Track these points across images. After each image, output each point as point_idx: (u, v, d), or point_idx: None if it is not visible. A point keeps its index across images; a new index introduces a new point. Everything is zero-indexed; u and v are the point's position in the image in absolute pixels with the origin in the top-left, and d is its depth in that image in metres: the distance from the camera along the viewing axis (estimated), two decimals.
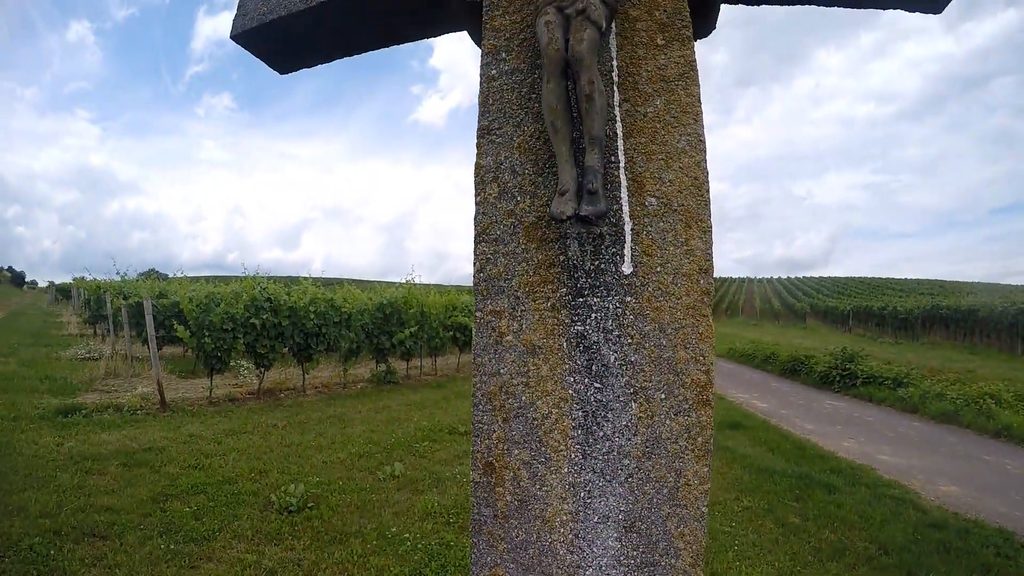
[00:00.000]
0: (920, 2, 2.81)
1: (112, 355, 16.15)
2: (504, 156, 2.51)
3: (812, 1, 2.89)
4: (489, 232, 2.47)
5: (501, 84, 2.58)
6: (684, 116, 2.40)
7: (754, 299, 78.74)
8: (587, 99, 2.26)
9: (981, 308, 32.71)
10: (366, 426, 10.34)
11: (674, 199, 2.33)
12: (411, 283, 17.60)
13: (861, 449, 10.23)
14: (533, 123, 2.48)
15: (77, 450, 7.81)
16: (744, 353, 25.72)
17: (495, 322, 2.38)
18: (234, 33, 3.23)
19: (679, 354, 2.22)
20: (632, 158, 2.38)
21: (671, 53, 2.46)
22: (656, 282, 2.28)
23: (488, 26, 2.68)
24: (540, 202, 2.41)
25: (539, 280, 2.36)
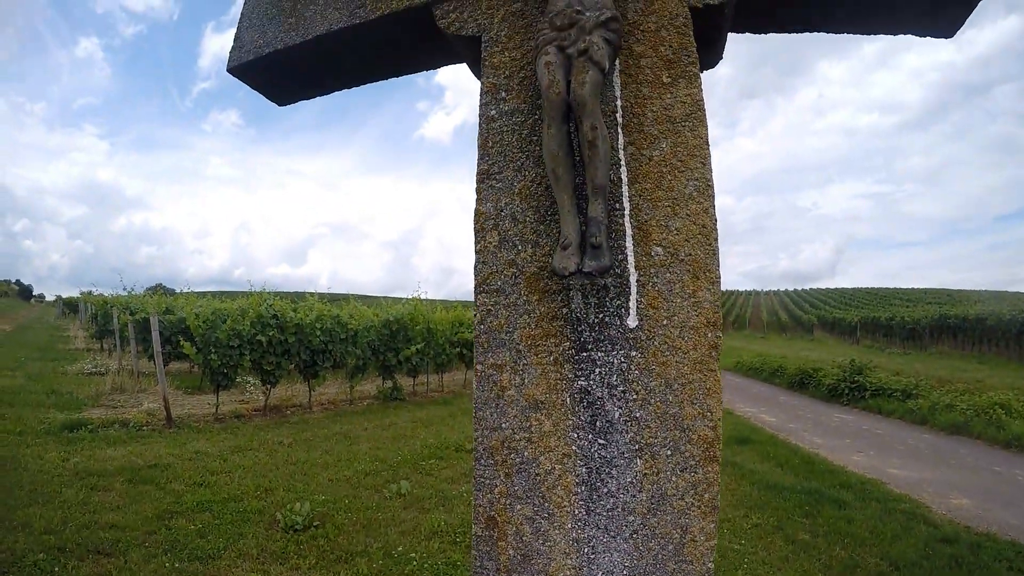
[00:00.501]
0: (931, 28, 2.79)
1: (119, 370, 16.19)
2: (504, 202, 2.46)
3: (819, 28, 2.89)
4: (489, 283, 2.42)
5: (501, 125, 2.54)
6: (691, 160, 2.34)
7: (761, 312, 78.45)
8: (590, 146, 2.20)
9: (989, 316, 32.57)
10: (372, 443, 10.32)
11: (681, 248, 2.27)
12: (417, 299, 17.62)
13: (871, 463, 10.16)
14: (535, 167, 2.44)
15: (82, 466, 7.82)
16: (751, 367, 25.60)
17: (496, 376, 2.34)
18: (231, 66, 3.23)
19: (686, 410, 2.17)
20: (637, 205, 2.33)
21: (677, 92, 2.40)
22: (662, 336, 2.22)
23: (487, 63, 2.63)
24: (542, 252, 2.37)
25: (541, 333, 2.32)
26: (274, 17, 3.12)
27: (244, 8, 3.29)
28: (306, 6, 3.03)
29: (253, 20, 3.20)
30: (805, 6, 2.76)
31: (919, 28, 2.81)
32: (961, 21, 2.72)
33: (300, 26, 3.01)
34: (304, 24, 3.00)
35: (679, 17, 2.46)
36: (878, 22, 2.82)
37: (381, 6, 2.83)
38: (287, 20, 3.06)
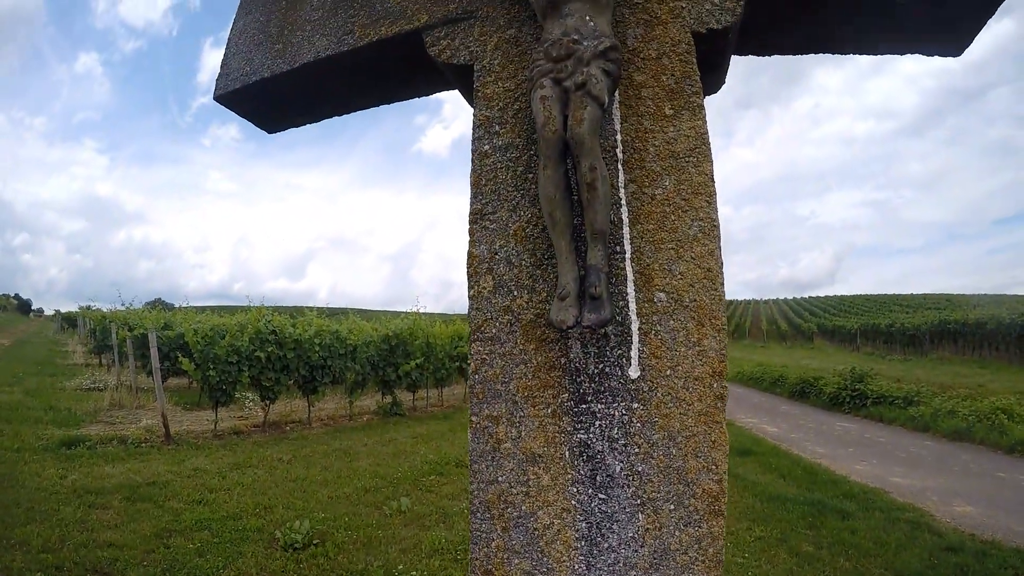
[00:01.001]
0: (939, 46, 2.73)
1: (117, 386, 16.13)
2: (499, 245, 2.37)
3: (825, 50, 2.82)
4: (484, 330, 2.33)
5: (495, 162, 2.44)
6: (696, 198, 2.24)
7: (760, 321, 78.34)
8: (589, 188, 2.09)
9: (989, 321, 32.54)
10: (372, 459, 10.26)
11: (685, 294, 2.17)
12: (416, 314, 17.60)
13: (873, 472, 10.11)
14: (530, 207, 2.34)
15: (80, 483, 7.76)
16: (752, 376, 25.57)
17: (492, 428, 2.25)
18: (217, 94, 3.16)
19: (690, 463, 2.08)
20: (639, 248, 2.23)
21: (680, 124, 2.30)
22: (665, 387, 2.12)
23: (479, 94, 2.54)
24: (539, 298, 2.28)
25: (539, 384, 2.22)
26: (261, 43, 3.06)
27: (231, 34, 3.23)
28: (293, 32, 2.98)
29: (240, 46, 3.15)
30: (811, 26, 2.69)
31: (927, 47, 2.75)
32: (970, 39, 2.66)
33: (287, 53, 2.95)
34: (291, 51, 2.94)
35: (681, 44, 2.37)
36: (886, 42, 2.76)
37: (370, 32, 2.77)
38: (274, 46, 3.00)
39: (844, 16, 2.60)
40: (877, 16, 2.57)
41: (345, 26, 2.86)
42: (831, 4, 2.52)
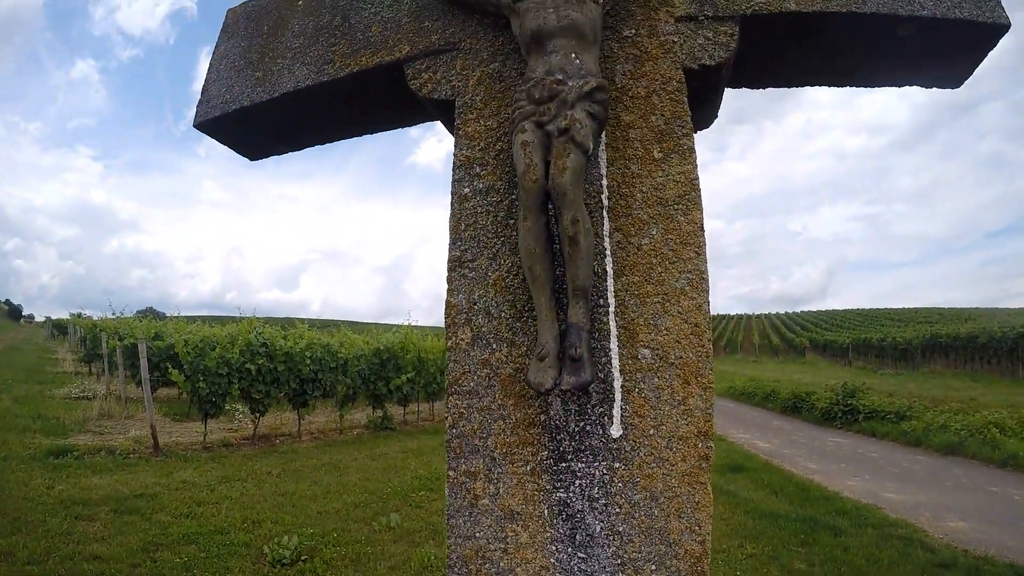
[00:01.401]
0: (938, 79, 2.71)
1: (106, 395, 15.99)
2: (478, 294, 2.30)
3: (821, 82, 2.79)
4: (461, 383, 2.27)
5: (475, 206, 2.38)
6: (684, 249, 2.17)
7: (752, 335, 78.55)
8: (571, 242, 2.00)
9: (980, 334, 32.67)
10: (362, 474, 10.18)
11: (671, 351, 2.11)
12: (408, 328, 17.54)
13: (866, 487, 10.08)
14: (511, 256, 2.27)
15: (67, 494, 7.67)
16: (744, 391, 25.56)
17: (469, 483, 2.20)
18: (197, 122, 3.10)
19: (672, 524, 2.02)
20: (624, 301, 2.16)
21: (670, 169, 2.23)
22: (648, 447, 2.06)
23: (460, 132, 2.48)
24: (519, 352, 2.21)
25: (517, 441, 2.16)
26: (242, 70, 3.01)
27: (212, 58, 3.19)
28: (274, 60, 2.93)
29: (221, 72, 3.10)
30: (807, 59, 2.66)
31: (926, 79, 2.71)
32: (970, 71, 2.64)
33: (267, 81, 2.89)
34: (271, 79, 2.89)
35: (672, 81, 2.31)
36: (884, 74, 2.73)
37: (350, 63, 2.72)
38: (254, 74, 2.95)
39: (841, 49, 2.57)
40: (875, 49, 2.55)
41: (325, 55, 2.81)
42: (829, 37, 2.48)
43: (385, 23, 2.76)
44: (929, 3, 2.35)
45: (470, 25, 2.61)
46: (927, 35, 2.43)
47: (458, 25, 2.63)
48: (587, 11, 2.27)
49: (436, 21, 2.67)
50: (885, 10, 2.34)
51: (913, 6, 2.34)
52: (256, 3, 3.24)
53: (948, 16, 2.33)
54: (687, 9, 2.40)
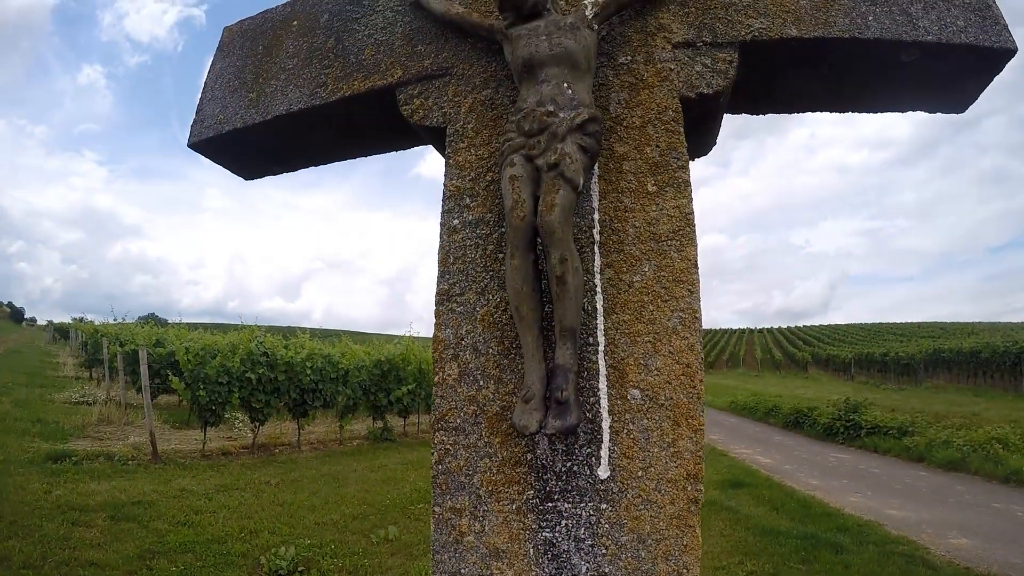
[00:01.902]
0: (943, 104, 2.67)
1: (106, 401, 15.97)
2: (466, 330, 2.27)
3: (823, 108, 2.75)
4: (448, 419, 2.24)
5: (464, 238, 2.34)
6: (677, 287, 2.12)
7: (755, 350, 78.38)
8: (559, 281, 1.96)
9: (983, 349, 32.57)
10: (361, 485, 10.13)
11: (661, 392, 2.06)
12: (409, 339, 17.49)
13: (868, 504, 10.01)
14: (499, 291, 2.23)
15: (65, 499, 7.63)
16: (745, 406, 25.47)
17: (455, 520, 2.18)
18: (191, 141, 3.09)
19: (659, 567, 1.97)
20: (613, 340, 2.11)
21: (664, 203, 2.18)
22: (636, 488, 2.02)
23: (451, 161, 2.44)
24: (506, 389, 2.17)
25: (504, 479, 2.13)
26: (236, 90, 2.99)
27: (208, 77, 3.17)
28: (267, 81, 2.91)
29: (215, 91, 3.08)
30: (810, 85, 2.61)
31: (930, 105, 2.68)
32: (975, 96, 2.60)
33: (261, 103, 2.87)
34: (265, 101, 2.87)
35: (668, 111, 2.26)
36: (887, 100, 2.69)
37: (343, 87, 2.71)
38: (248, 95, 2.93)
39: (843, 75, 2.53)
40: (878, 75, 2.50)
41: (318, 78, 2.79)
42: (830, 63, 2.44)
43: (378, 46, 2.75)
44: (934, 28, 2.31)
45: (463, 50, 2.59)
46: (931, 60, 2.39)
47: (451, 50, 2.61)
48: (581, 39, 2.23)
49: (429, 45, 2.65)
50: (888, 36, 2.31)
51: (917, 31, 2.31)
52: (252, 22, 3.24)
53: (953, 41, 2.29)
54: (685, 35, 2.37)
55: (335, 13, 2.96)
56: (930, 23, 2.32)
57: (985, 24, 2.32)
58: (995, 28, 2.32)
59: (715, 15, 2.38)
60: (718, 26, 2.36)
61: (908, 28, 2.32)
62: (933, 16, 2.34)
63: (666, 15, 2.41)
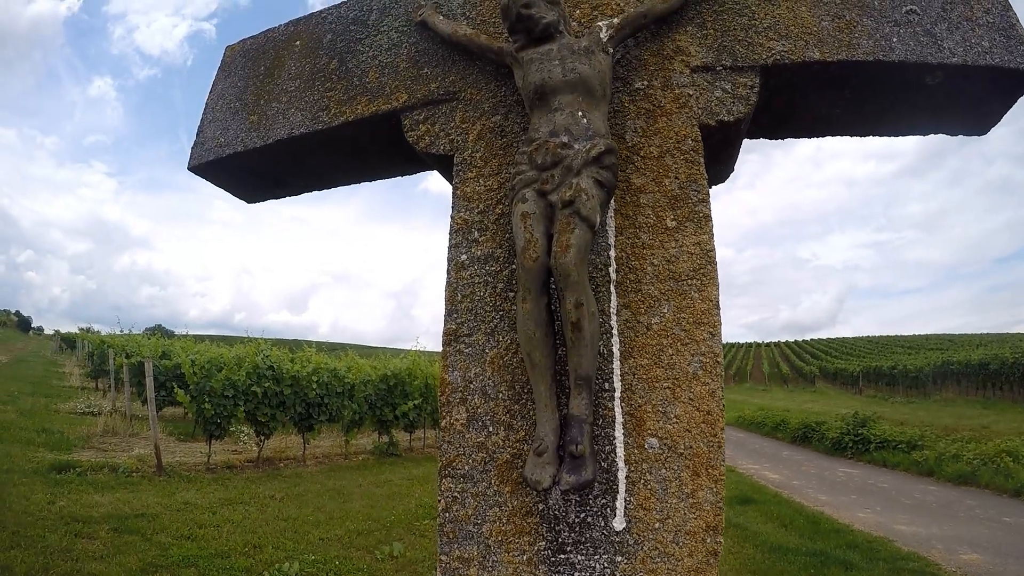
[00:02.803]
0: (965, 127, 2.61)
1: (112, 412, 15.95)
2: (474, 372, 2.18)
3: (843, 132, 2.68)
4: (456, 466, 2.16)
5: (472, 275, 2.26)
6: (698, 329, 2.03)
7: (762, 364, 77.85)
8: (574, 327, 1.86)
9: (992, 361, 32.28)
10: (366, 501, 10.05)
11: (680, 440, 1.97)
12: (416, 353, 17.43)
13: (877, 519, 9.90)
14: (510, 332, 2.14)
15: (68, 510, 7.57)
16: (753, 421, 25.33)
17: (462, 570, 2.08)
18: (192, 164, 3.02)
19: None
20: (630, 386, 2.02)
21: (684, 239, 2.10)
22: (653, 541, 1.93)
23: (458, 192, 2.36)
24: (517, 436, 2.09)
25: (514, 529, 2.04)
26: (237, 112, 2.93)
27: (209, 97, 3.11)
28: (269, 103, 2.84)
29: (217, 112, 3.02)
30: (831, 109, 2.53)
31: (952, 127, 2.62)
32: (998, 118, 2.53)
33: (262, 126, 2.80)
34: (266, 124, 2.79)
35: (687, 140, 2.18)
36: (909, 123, 2.62)
37: (346, 111, 2.63)
38: (249, 117, 2.86)
39: (866, 98, 2.46)
40: (901, 98, 2.44)
41: (321, 101, 2.71)
42: (853, 86, 2.37)
43: (382, 68, 2.67)
44: (959, 50, 2.25)
45: (471, 74, 2.51)
46: (955, 82, 2.33)
47: (458, 73, 2.53)
48: (595, 63, 2.14)
49: (436, 68, 2.57)
50: (913, 58, 2.24)
51: (943, 53, 2.25)
52: (254, 41, 3.18)
53: (978, 63, 2.24)
54: (703, 58, 2.29)
55: (338, 33, 2.91)
56: (955, 44, 2.26)
57: (1010, 44, 2.26)
58: (1020, 49, 2.26)
59: (735, 37, 2.31)
60: (738, 49, 2.29)
61: (933, 50, 2.25)
62: (958, 37, 2.27)
63: (684, 37, 2.34)
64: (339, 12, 2.99)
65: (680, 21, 2.36)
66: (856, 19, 2.30)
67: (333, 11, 3.01)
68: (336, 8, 3.01)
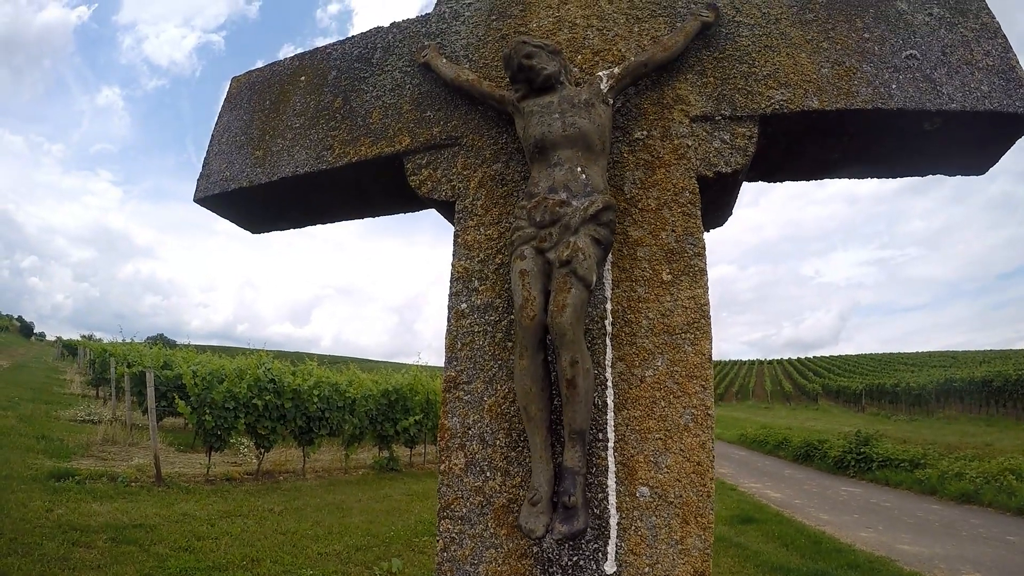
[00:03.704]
0: (963, 168, 2.61)
1: (112, 420, 15.93)
2: (473, 419, 2.22)
3: (841, 175, 2.69)
4: (454, 508, 2.21)
5: (472, 324, 2.29)
6: (690, 382, 2.07)
7: (764, 381, 77.62)
8: (569, 384, 1.90)
9: (995, 378, 32.13)
10: (365, 516, 10.01)
11: (671, 489, 2.01)
12: (417, 369, 17.40)
13: (879, 539, 9.85)
14: (507, 381, 2.18)
15: (66, 518, 7.55)
16: (755, 439, 25.25)
17: None
18: (197, 197, 3.04)
19: None
20: (624, 436, 2.06)
21: (679, 293, 2.13)
22: None
23: (459, 240, 2.38)
24: (513, 482, 2.13)
25: (509, 571, 2.08)
26: (243, 146, 2.95)
27: (215, 129, 3.14)
28: (274, 139, 2.87)
29: (222, 145, 3.05)
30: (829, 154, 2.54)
31: (950, 168, 2.62)
32: (996, 159, 2.54)
33: (267, 162, 2.82)
34: (271, 160, 2.82)
35: (685, 192, 2.20)
36: (907, 166, 2.63)
37: (349, 152, 2.65)
38: (254, 152, 2.89)
39: (864, 144, 2.47)
40: (899, 143, 2.46)
41: (325, 140, 2.73)
42: (853, 134, 2.38)
43: (386, 109, 2.70)
44: (958, 95, 2.26)
45: (473, 119, 2.53)
46: (954, 127, 2.33)
47: (460, 118, 2.55)
48: (595, 116, 2.17)
49: (438, 111, 2.59)
50: (912, 105, 2.25)
51: (941, 99, 2.26)
52: (260, 74, 3.20)
53: (977, 108, 2.24)
54: (703, 108, 2.31)
55: (343, 71, 2.93)
56: (954, 90, 2.27)
57: (1009, 88, 2.27)
58: (1019, 92, 2.26)
59: (734, 85, 2.33)
60: (738, 98, 2.30)
61: (932, 96, 2.26)
62: (957, 82, 2.28)
63: (684, 86, 2.36)
64: (343, 49, 3.01)
65: (680, 68, 2.38)
66: (856, 65, 2.32)
67: (338, 47, 3.04)
68: (341, 44, 3.04)
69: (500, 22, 2.66)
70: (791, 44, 2.37)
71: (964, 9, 2.42)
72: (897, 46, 2.35)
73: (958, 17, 2.41)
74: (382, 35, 2.94)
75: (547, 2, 2.62)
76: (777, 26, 2.41)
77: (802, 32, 2.39)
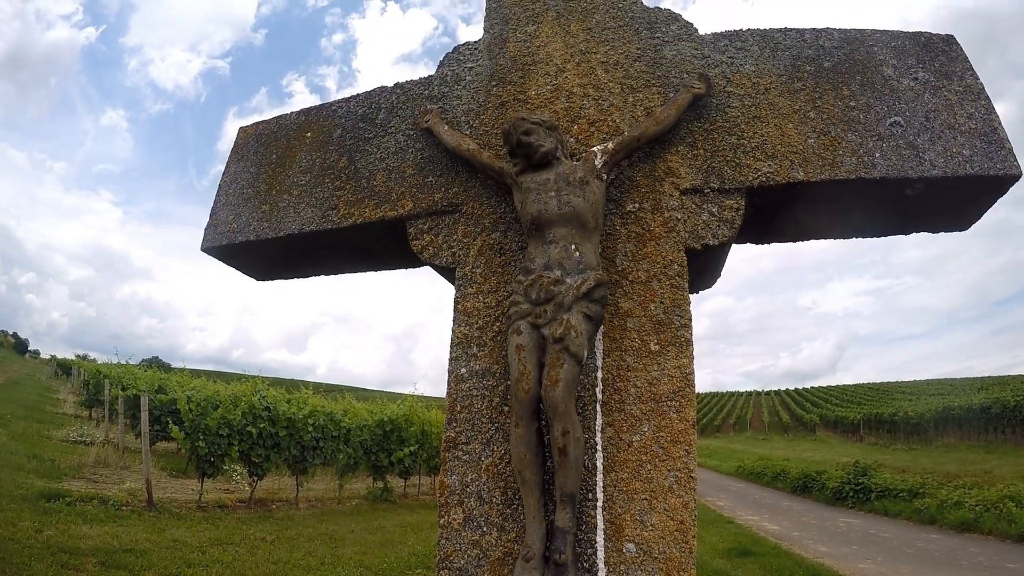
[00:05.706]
0: (946, 226, 2.67)
1: (104, 442, 15.78)
2: (471, 478, 2.31)
3: (827, 236, 2.76)
4: (452, 560, 2.27)
5: (470, 388, 2.37)
6: (675, 447, 2.16)
7: (762, 412, 77.23)
8: (560, 453, 2.02)
9: (993, 404, 31.99)
10: (358, 548, 9.89)
11: (655, 546, 2.10)
12: (413, 399, 17.33)
13: (879, 570, 9.79)
14: (504, 443, 2.27)
15: (55, 540, 7.44)
16: (753, 471, 25.17)
17: None
18: (205, 246, 3.09)
19: None
20: (611, 496, 2.16)
21: (666, 363, 2.22)
22: None
23: (459, 307, 2.47)
24: (508, 537, 2.22)
25: None
26: (249, 199, 3.02)
27: (223, 179, 3.20)
28: (280, 195, 2.93)
29: (229, 196, 3.11)
30: (815, 219, 2.61)
31: (933, 227, 2.68)
32: (977, 218, 2.61)
33: (273, 217, 2.89)
34: (277, 215, 2.88)
35: (674, 265, 2.29)
36: (891, 225, 2.69)
37: (354, 213, 2.72)
38: (261, 206, 2.95)
39: (849, 209, 2.54)
40: (883, 207, 2.52)
41: (330, 199, 2.80)
42: (836, 200, 2.45)
43: (389, 172, 2.76)
44: (939, 161, 2.32)
45: (473, 187, 2.61)
46: (935, 191, 2.40)
47: (461, 185, 2.62)
48: (589, 194, 2.25)
49: (440, 177, 2.66)
50: (895, 173, 2.32)
51: (923, 166, 2.32)
52: (266, 126, 3.26)
53: (958, 173, 2.31)
54: (693, 180, 2.38)
55: (347, 129, 2.99)
56: (936, 155, 2.33)
57: (991, 151, 2.33)
58: (1000, 154, 2.32)
59: (723, 158, 2.40)
60: (726, 170, 2.37)
61: (914, 163, 2.33)
62: (939, 147, 2.34)
63: (675, 158, 2.43)
64: (348, 107, 3.07)
65: (672, 140, 2.46)
66: (841, 135, 2.39)
67: (343, 105, 3.10)
68: (346, 102, 3.10)
69: (500, 88, 2.74)
70: (779, 114, 2.44)
71: (949, 72, 2.48)
72: (882, 113, 2.42)
73: (943, 80, 2.47)
74: (386, 95, 3.00)
75: (546, 69, 2.69)
76: (766, 96, 2.48)
77: (790, 102, 2.46)
